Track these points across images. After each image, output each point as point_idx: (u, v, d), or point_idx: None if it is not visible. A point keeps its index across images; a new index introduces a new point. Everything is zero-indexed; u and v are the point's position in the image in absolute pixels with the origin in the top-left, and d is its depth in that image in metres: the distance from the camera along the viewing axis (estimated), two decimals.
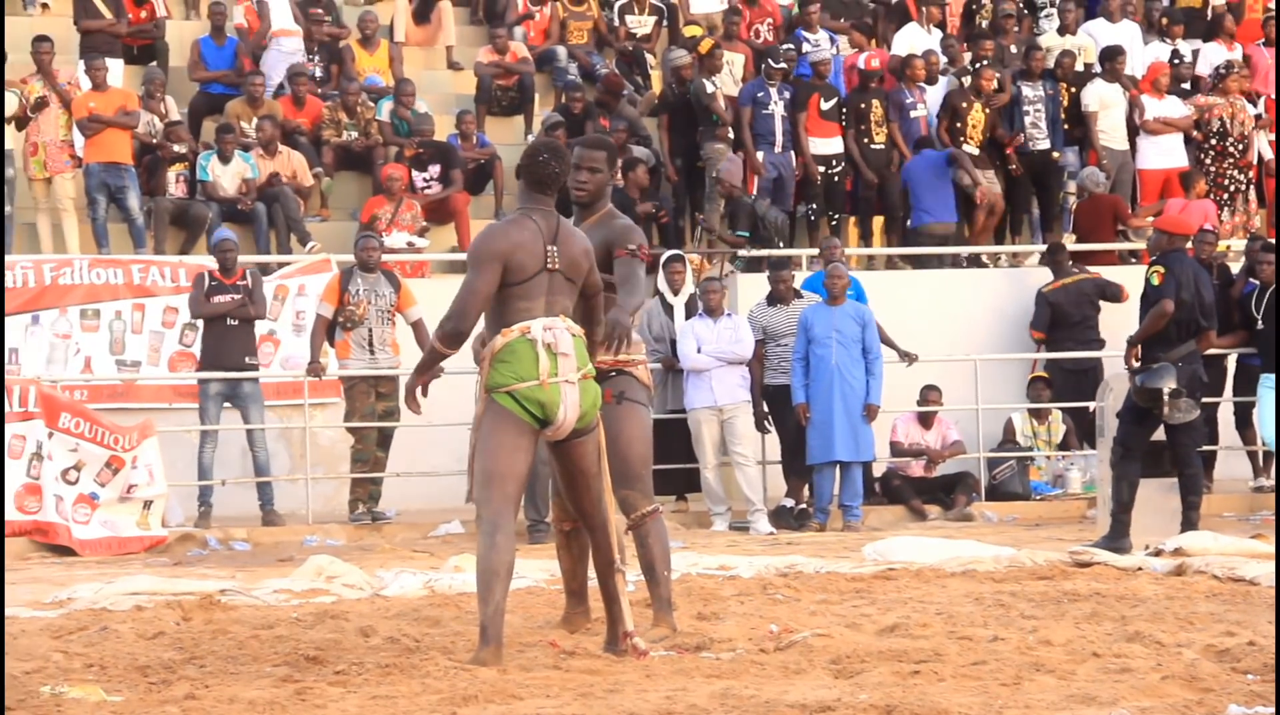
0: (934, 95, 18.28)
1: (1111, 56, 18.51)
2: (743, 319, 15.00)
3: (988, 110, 18.04)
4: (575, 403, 7.55)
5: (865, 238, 18.35)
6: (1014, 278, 17.78)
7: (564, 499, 8.26)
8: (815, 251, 17.27)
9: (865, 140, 17.94)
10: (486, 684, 6.96)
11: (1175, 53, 19.37)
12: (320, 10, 18.68)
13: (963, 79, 18.34)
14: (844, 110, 17.96)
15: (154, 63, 18.31)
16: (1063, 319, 16.36)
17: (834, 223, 17.95)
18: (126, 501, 14.04)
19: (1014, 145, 18.09)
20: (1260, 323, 15.07)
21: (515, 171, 8.35)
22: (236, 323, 14.75)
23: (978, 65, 18.41)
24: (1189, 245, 13.09)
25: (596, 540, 7.87)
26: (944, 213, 17.64)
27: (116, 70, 17.56)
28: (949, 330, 16.83)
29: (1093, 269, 17.09)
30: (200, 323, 14.98)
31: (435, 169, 17.45)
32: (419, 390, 7.75)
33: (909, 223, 17.78)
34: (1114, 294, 16.34)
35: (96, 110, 16.54)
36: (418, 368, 7.83)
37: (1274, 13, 20.14)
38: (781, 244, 17.06)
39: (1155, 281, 12.37)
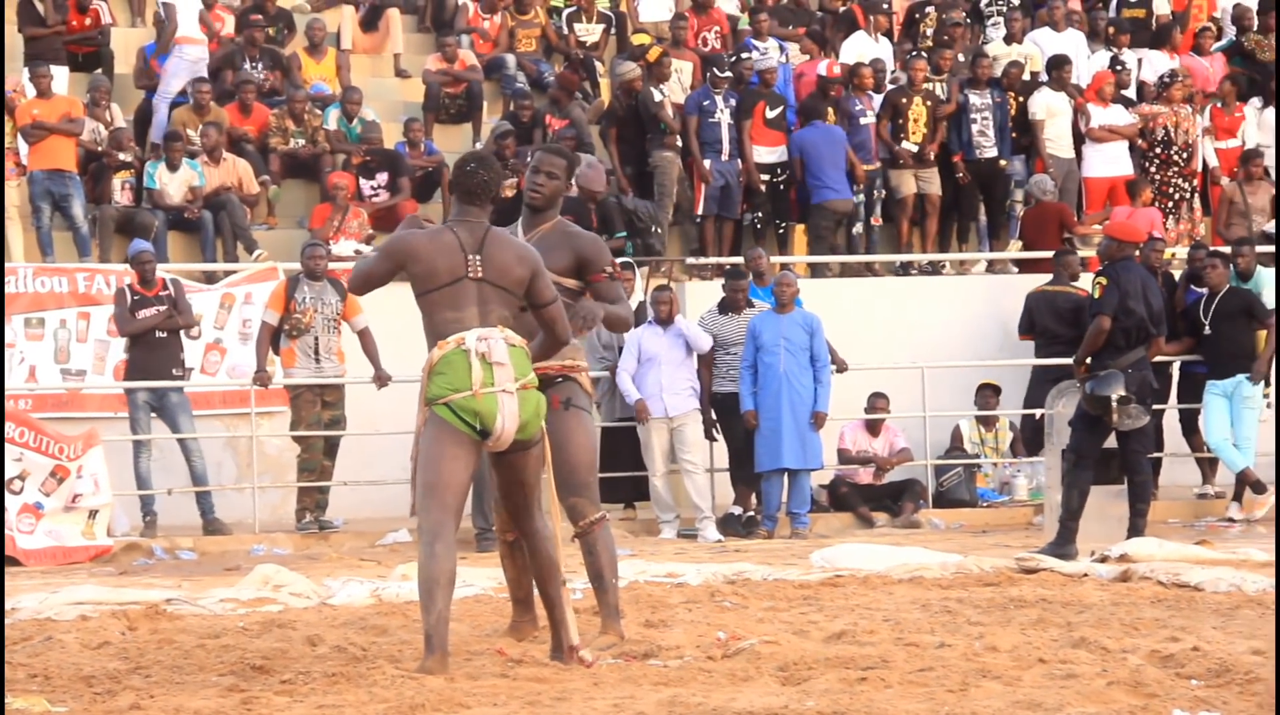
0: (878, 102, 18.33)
1: (1057, 65, 18.61)
2: (693, 322, 15.01)
3: (928, 104, 18.10)
4: (514, 412, 7.52)
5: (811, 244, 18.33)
6: (961, 285, 17.85)
7: (502, 510, 8.27)
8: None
9: None
10: (433, 692, 6.94)
11: (1119, 61, 19.48)
12: (261, 17, 18.60)
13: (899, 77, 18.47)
14: (802, 116, 17.98)
15: (99, 70, 18.23)
16: (1039, 325, 16.18)
17: (780, 230, 17.97)
18: (71, 511, 13.95)
19: (960, 156, 18.19)
20: (1208, 328, 15.16)
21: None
22: (164, 334, 14.66)
23: (909, 57, 18.48)
24: (1136, 253, 13.14)
25: (532, 546, 7.86)
26: (843, 189, 17.61)
27: (61, 77, 17.48)
28: (896, 338, 16.89)
29: (1040, 276, 17.19)
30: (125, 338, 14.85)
31: (383, 177, 17.41)
32: None
33: (810, 199, 17.70)
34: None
35: (40, 117, 16.46)
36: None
37: (1207, 24, 20.29)
38: (659, 230, 16.98)
39: (1096, 293, 12.44)
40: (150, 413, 14.67)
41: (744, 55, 18.41)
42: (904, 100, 18.10)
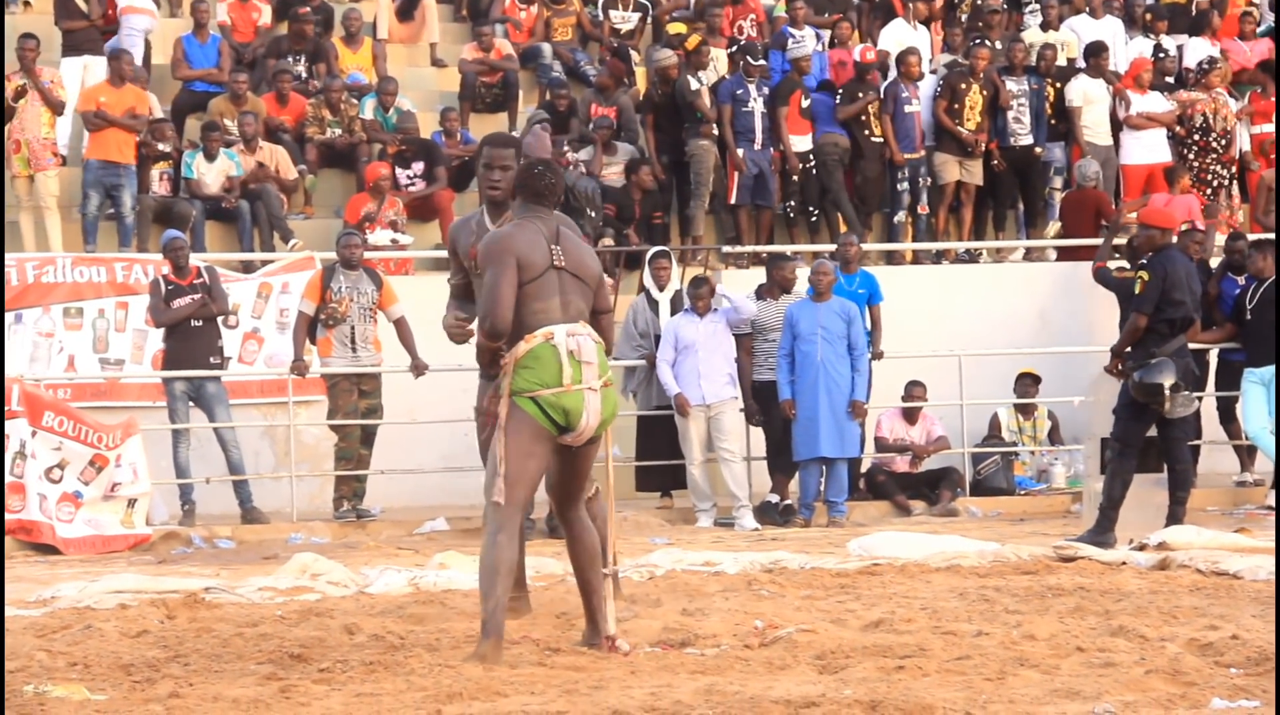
0: (924, 90, 18.28)
1: (1095, 52, 18.54)
2: (735, 292, 14.96)
3: (985, 93, 18.07)
4: (597, 410, 7.62)
5: (833, 231, 18.29)
6: (999, 273, 17.81)
7: (552, 496, 8.29)
8: (799, 248, 17.32)
9: (865, 133, 17.93)
10: (471, 681, 6.96)
11: (1158, 48, 19.40)
12: (308, 10, 18.64)
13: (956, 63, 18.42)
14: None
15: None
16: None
17: (813, 219, 17.94)
18: (110, 500, 14.01)
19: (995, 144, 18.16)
20: (1250, 316, 15.09)
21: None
22: (200, 323, 14.69)
23: (971, 44, 18.44)
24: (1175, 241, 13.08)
25: (578, 536, 7.88)
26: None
27: (98, 68, 17.54)
28: (934, 326, 16.86)
29: (1078, 264, 17.13)
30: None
31: (419, 166, 17.44)
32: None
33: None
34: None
35: (106, 106, 16.50)
36: (480, 362, 7.81)
37: (1248, 9, 20.19)
38: (593, 214, 16.88)
39: (1137, 289, 12.38)
40: (188, 402, 14.71)
41: (790, 43, 18.34)
42: (963, 86, 18.05)
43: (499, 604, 7.49)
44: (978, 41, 18.46)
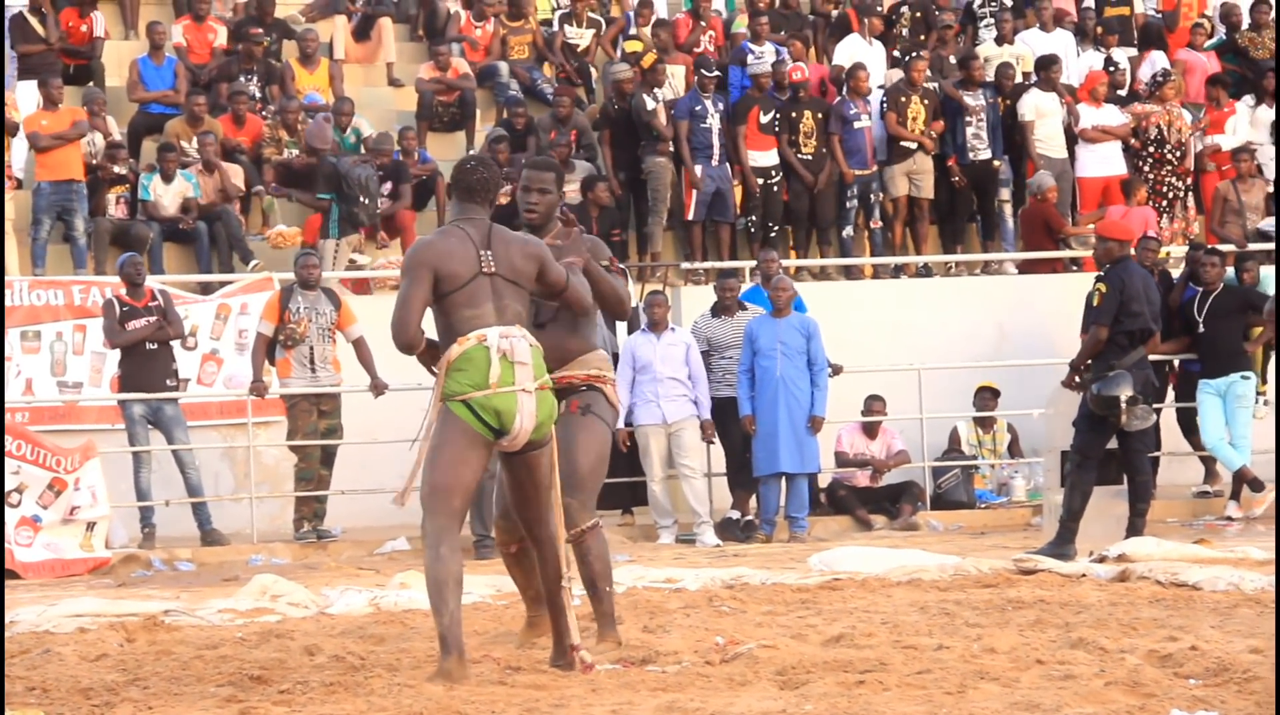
0: (874, 106, 18.34)
1: (1047, 65, 18.61)
2: (685, 333, 14.99)
3: (925, 103, 18.14)
4: (532, 412, 7.49)
5: (798, 248, 18.35)
6: (957, 287, 17.85)
7: (509, 514, 8.22)
8: (755, 264, 17.34)
9: (794, 150, 17.98)
10: (431, 700, 6.94)
11: (1109, 60, 19.49)
12: (259, 30, 18.61)
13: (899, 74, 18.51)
14: (777, 121, 18.00)
15: (90, 83, 18.24)
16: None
17: (773, 234, 17.98)
18: (69, 523, 13.95)
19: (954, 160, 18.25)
20: (1201, 326, 15.15)
21: (446, 189, 8.38)
22: (155, 346, 14.65)
23: (908, 58, 18.51)
24: (1132, 252, 13.14)
25: (543, 553, 7.83)
26: None
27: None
28: (892, 340, 16.89)
29: (1036, 277, 17.19)
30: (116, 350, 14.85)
31: (386, 187, 17.41)
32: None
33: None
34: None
35: (49, 128, 16.47)
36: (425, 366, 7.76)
37: (1200, 21, 20.31)
38: (366, 201, 16.75)
39: (1095, 302, 12.42)
40: (147, 425, 14.66)
41: (749, 58, 18.39)
42: (903, 99, 18.13)
43: (454, 618, 7.39)
44: (914, 55, 18.54)
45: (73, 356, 15.65)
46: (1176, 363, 15.80)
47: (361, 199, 16.69)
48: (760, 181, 17.87)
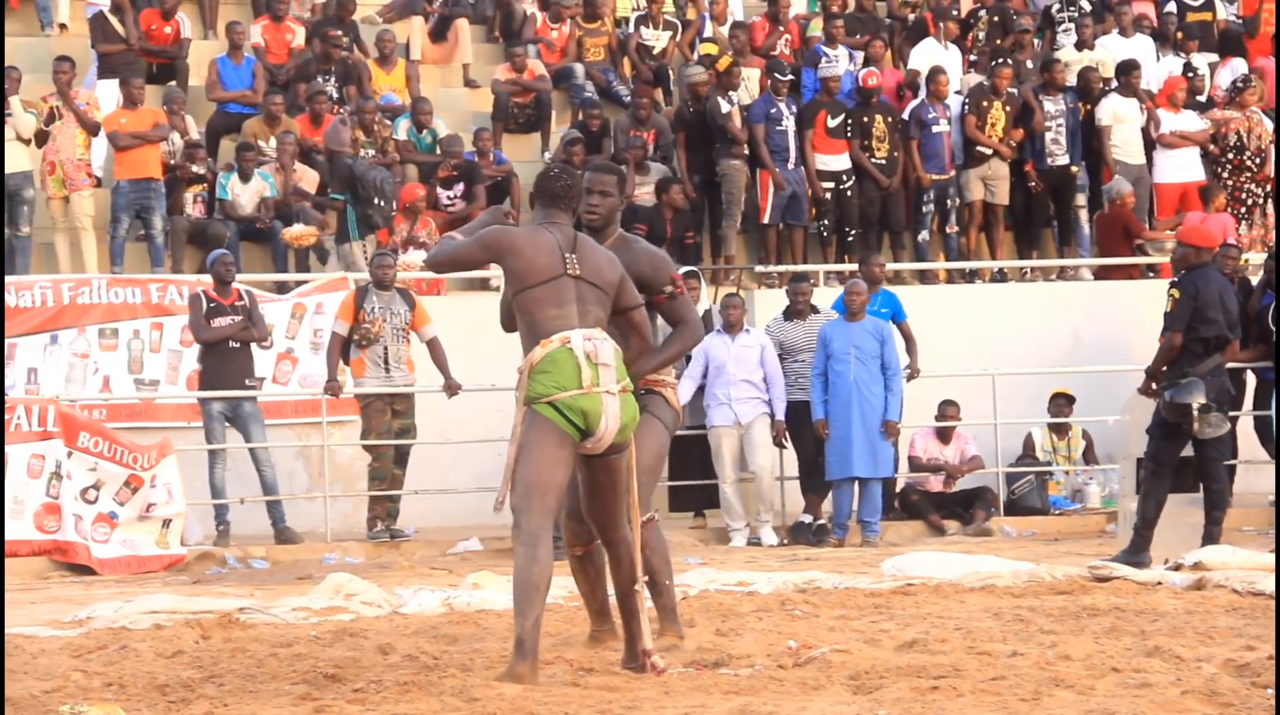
0: (954, 110, 18.29)
1: (1126, 70, 18.51)
2: (761, 335, 14.98)
3: (1008, 109, 18.08)
4: (616, 414, 7.51)
5: (872, 252, 18.28)
6: (1032, 292, 17.78)
7: (579, 516, 8.22)
8: (830, 267, 17.33)
9: (868, 155, 17.93)
10: (505, 701, 6.95)
11: (1188, 66, 19.36)
12: (338, 32, 18.70)
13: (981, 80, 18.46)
14: (849, 125, 17.96)
15: (173, 82, 18.37)
16: None
17: (849, 239, 17.94)
18: (145, 520, 14.06)
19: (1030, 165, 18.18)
20: (1277, 335, 15.03)
21: (529, 197, 8.42)
22: (237, 344, 14.75)
23: (994, 64, 18.45)
24: (1212, 260, 13.03)
25: (618, 556, 7.81)
26: None
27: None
28: (966, 346, 16.83)
29: (1112, 283, 17.09)
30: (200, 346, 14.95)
31: (459, 187, 17.48)
32: None
33: None
34: None
35: (128, 127, 16.61)
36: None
37: None
38: (382, 204, 16.70)
39: (1169, 307, 12.33)
40: (225, 423, 14.76)
41: (821, 62, 18.36)
42: (984, 103, 18.06)
43: (536, 623, 7.39)
44: (1000, 61, 18.46)
45: (150, 354, 15.75)
46: (1253, 370, 15.66)
47: (376, 201, 16.68)
48: (832, 186, 17.84)
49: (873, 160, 17.90)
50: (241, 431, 14.79)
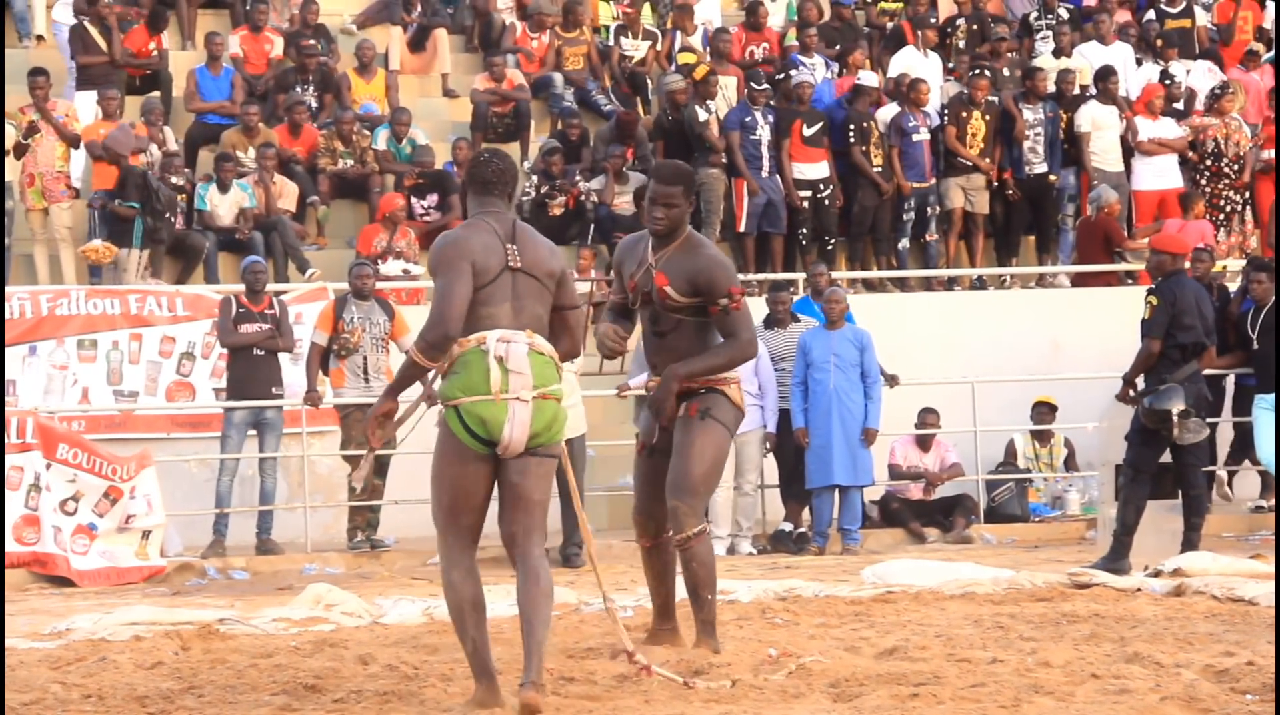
0: (934, 119, 18.34)
1: (1104, 77, 18.57)
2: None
3: (987, 118, 18.12)
4: (524, 422, 6.97)
5: (855, 260, 18.34)
6: (1012, 300, 17.81)
7: (647, 512, 8.20)
8: (804, 276, 17.36)
9: (866, 161, 17.98)
10: (485, 711, 6.94)
11: (1164, 73, 19.42)
12: (312, 43, 18.70)
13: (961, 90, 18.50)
14: (849, 129, 17.96)
15: (156, 93, 18.36)
16: None
17: (829, 247, 17.97)
18: (125, 532, 14.03)
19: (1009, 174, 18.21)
20: (1256, 342, 15.07)
21: (461, 185, 8.19)
22: (264, 353, 14.76)
23: (971, 74, 18.49)
24: (1186, 266, 13.07)
25: (525, 571, 7.06)
26: None
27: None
28: (945, 353, 16.86)
29: (1090, 290, 17.11)
30: (225, 351, 14.96)
31: (433, 198, 17.48)
32: (381, 420, 7.22)
33: None
34: None
35: (106, 138, 16.59)
36: (390, 388, 7.32)
37: (1254, 47, 20.20)
38: (170, 217, 16.51)
39: (1146, 315, 12.36)
40: (246, 431, 14.74)
41: (791, 72, 18.43)
42: (963, 114, 18.11)
43: (476, 645, 7.05)
44: (977, 72, 18.50)
45: (129, 365, 15.73)
46: (1231, 377, 15.71)
47: (167, 216, 16.53)
48: (809, 194, 17.86)
49: (874, 169, 17.94)
50: (260, 439, 14.75)
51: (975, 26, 19.86)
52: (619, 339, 8.28)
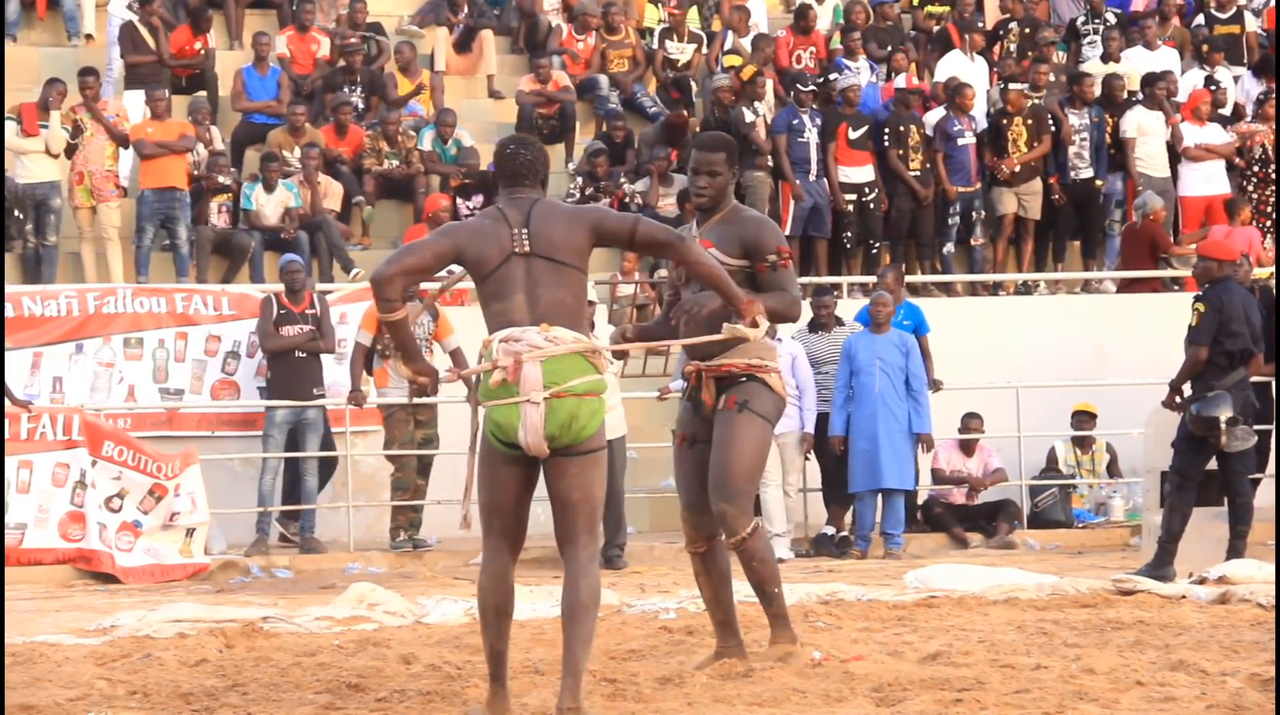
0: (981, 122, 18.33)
1: (1151, 83, 18.50)
2: (792, 345, 14.94)
3: (1029, 123, 18.07)
4: (535, 425, 6.75)
5: (899, 263, 18.29)
6: (1056, 305, 17.76)
7: (698, 510, 7.92)
8: (855, 279, 17.31)
9: (904, 165, 17.96)
10: (529, 713, 6.95)
11: (1210, 79, 19.34)
12: (354, 40, 18.74)
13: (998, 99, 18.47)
14: (885, 133, 17.95)
15: (203, 92, 18.44)
16: None
17: (873, 251, 17.94)
18: (169, 529, 14.09)
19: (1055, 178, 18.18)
20: None
21: (492, 178, 8.04)
22: (305, 355, 14.80)
23: (1005, 86, 18.46)
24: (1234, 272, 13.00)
25: (570, 579, 6.86)
26: None
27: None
28: (990, 358, 16.81)
29: (1136, 296, 17.05)
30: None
31: (478, 199, 17.51)
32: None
33: None
34: None
35: (154, 137, 16.68)
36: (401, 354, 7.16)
37: None
38: (30, 228, 16.29)
39: (1194, 321, 12.30)
40: (287, 430, 14.78)
41: (832, 76, 18.41)
42: (1004, 122, 18.08)
43: (492, 651, 6.98)
44: (1013, 79, 18.45)
45: (174, 363, 15.78)
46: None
47: (26, 226, 16.44)
48: (854, 197, 17.84)
49: (911, 173, 17.90)
50: (300, 439, 14.79)
51: (1028, 30, 19.80)
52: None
